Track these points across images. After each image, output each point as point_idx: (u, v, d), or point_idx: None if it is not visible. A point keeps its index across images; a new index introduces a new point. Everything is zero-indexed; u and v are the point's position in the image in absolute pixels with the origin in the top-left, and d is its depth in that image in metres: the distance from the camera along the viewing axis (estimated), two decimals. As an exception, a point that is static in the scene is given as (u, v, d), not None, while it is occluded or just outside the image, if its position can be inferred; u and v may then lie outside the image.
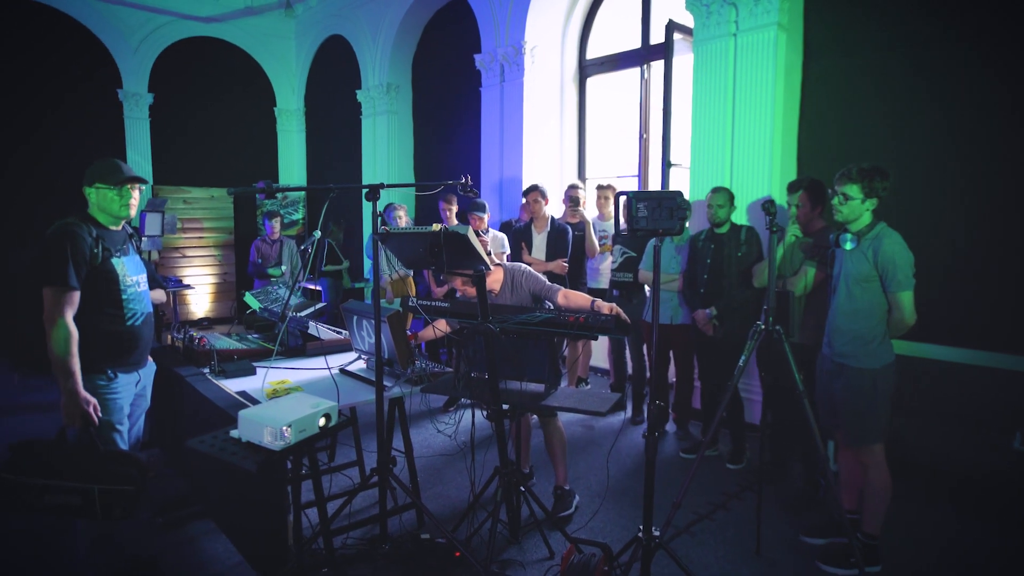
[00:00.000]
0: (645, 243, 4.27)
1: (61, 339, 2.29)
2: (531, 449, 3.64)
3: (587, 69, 6.34)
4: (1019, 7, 3.47)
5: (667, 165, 4.71)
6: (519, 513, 2.97)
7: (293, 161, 9.81)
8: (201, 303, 8.84)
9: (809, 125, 4.29)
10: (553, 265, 4.84)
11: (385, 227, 2.53)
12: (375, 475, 2.64)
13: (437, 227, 2.33)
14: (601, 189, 5.20)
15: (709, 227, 3.97)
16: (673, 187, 4.82)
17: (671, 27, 4.67)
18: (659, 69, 5.22)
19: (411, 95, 8.06)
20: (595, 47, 6.29)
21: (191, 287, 7.69)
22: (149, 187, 8.31)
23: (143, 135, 8.44)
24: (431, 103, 7.86)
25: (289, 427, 2.07)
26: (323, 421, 2.22)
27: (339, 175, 9.00)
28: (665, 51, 4.70)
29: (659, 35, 5.14)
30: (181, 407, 3.15)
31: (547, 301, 3.06)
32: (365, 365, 3.25)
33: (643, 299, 4.52)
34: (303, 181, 9.79)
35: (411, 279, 5.66)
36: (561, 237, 4.90)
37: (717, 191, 3.89)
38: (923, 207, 3.77)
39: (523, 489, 2.88)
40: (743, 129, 4.29)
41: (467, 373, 2.80)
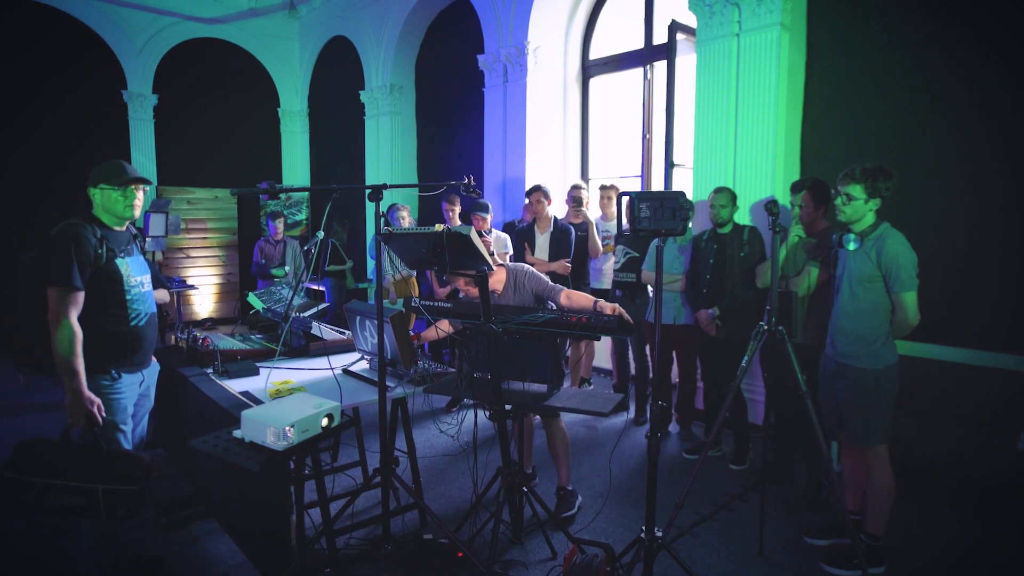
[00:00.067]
0: (648, 243, 4.26)
1: (65, 339, 2.30)
2: (534, 449, 3.64)
3: (590, 69, 6.34)
4: (1020, 7, 3.46)
5: (670, 165, 4.71)
6: (522, 513, 2.97)
7: (297, 162, 9.84)
8: (205, 303, 8.87)
9: (812, 125, 4.28)
10: (556, 265, 4.84)
11: (388, 227, 2.53)
12: (378, 475, 2.64)
13: (440, 227, 2.33)
14: (604, 189, 5.20)
15: (712, 227, 3.96)
16: (676, 187, 4.82)
17: (674, 27, 4.66)
18: (662, 69, 5.21)
19: (414, 96, 8.07)
20: (598, 47, 6.29)
21: (195, 287, 7.72)
22: (153, 188, 8.34)
23: (147, 136, 8.47)
24: (434, 104, 7.87)
25: (292, 427, 2.08)
26: (326, 421, 2.22)
27: (342, 176, 9.02)
28: (668, 51, 4.70)
29: (662, 35, 5.13)
30: (185, 407, 3.16)
31: (550, 301, 3.06)
32: (368, 365, 3.26)
33: (646, 299, 4.52)
34: (307, 182, 9.81)
35: (414, 279, 5.66)
36: (564, 237, 4.90)
37: (720, 191, 3.88)
38: (925, 207, 3.76)
39: (525, 489, 2.88)
40: (746, 129, 4.28)
41: (470, 373, 2.80)
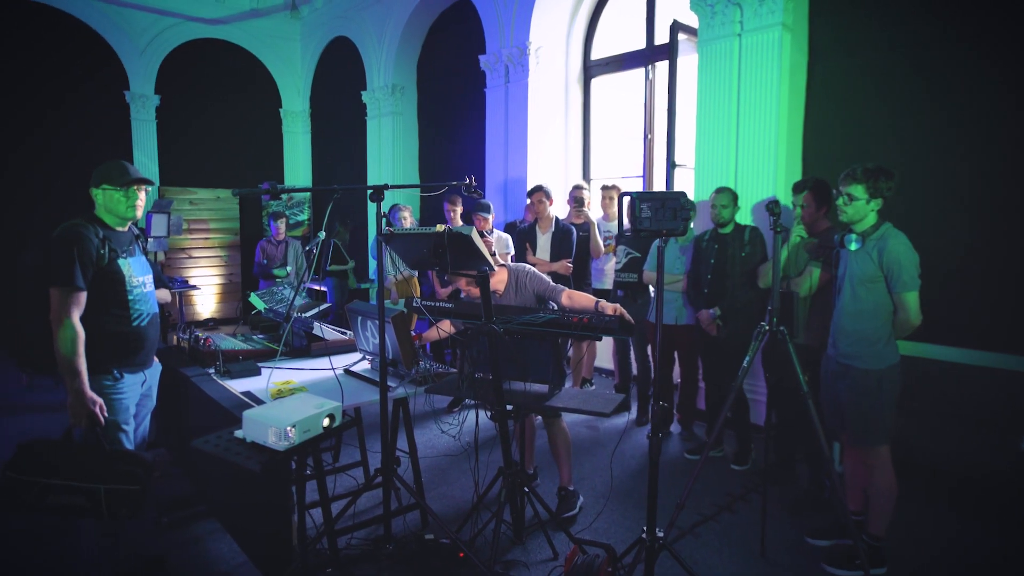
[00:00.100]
0: (650, 243, 4.26)
1: (68, 339, 2.31)
2: (535, 450, 3.64)
3: (592, 70, 6.34)
4: (1021, 8, 3.45)
5: (672, 165, 4.71)
6: (523, 514, 2.97)
7: (298, 162, 9.85)
8: (207, 304, 8.88)
9: (814, 125, 4.28)
10: (557, 266, 4.84)
11: (390, 228, 2.53)
12: (379, 475, 2.65)
13: (441, 228, 2.33)
14: (606, 190, 5.20)
15: (713, 227, 3.96)
16: (678, 187, 4.82)
17: (676, 27, 4.66)
18: (664, 69, 5.21)
19: (416, 96, 8.08)
20: (600, 48, 6.29)
21: (197, 288, 7.73)
22: (155, 188, 8.35)
23: (150, 136, 8.49)
24: (436, 104, 7.87)
25: (293, 427, 2.08)
26: (327, 421, 2.22)
27: (344, 176, 9.03)
28: (670, 51, 4.70)
29: (664, 35, 5.13)
30: (186, 407, 3.17)
31: (551, 302, 3.06)
32: (369, 366, 3.26)
33: (648, 299, 4.51)
34: (308, 182, 9.83)
35: (415, 280, 5.67)
36: (565, 238, 4.90)
37: (721, 191, 3.88)
38: (927, 207, 3.75)
39: (527, 490, 2.87)
40: (748, 129, 4.28)
41: (471, 374, 2.80)
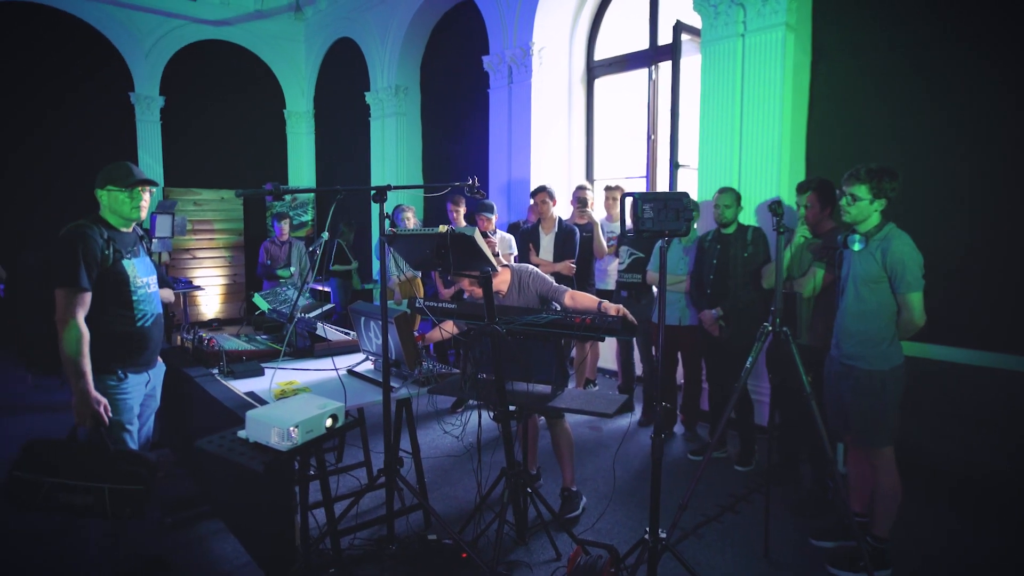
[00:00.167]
0: (653, 244, 4.26)
1: (73, 340, 2.32)
2: (538, 450, 3.64)
3: (595, 70, 6.34)
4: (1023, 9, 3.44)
5: (675, 166, 4.70)
6: (526, 514, 2.97)
7: (302, 163, 9.87)
8: (211, 304, 8.91)
9: (818, 125, 4.26)
10: (560, 266, 4.84)
11: (393, 229, 2.54)
12: (382, 476, 2.65)
13: (443, 228, 2.33)
14: (609, 190, 5.19)
15: (716, 228, 3.96)
16: (681, 188, 4.81)
17: (679, 28, 4.66)
18: (667, 70, 5.21)
19: (419, 97, 8.09)
20: (603, 48, 6.29)
21: (201, 288, 7.75)
22: (160, 189, 8.38)
23: (154, 137, 8.52)
24: (439, 105, 7.88)
25: (296, 428, 2.08)
26: (330, 422, 2.23)
27: (348, 177, 9.04)
28: (673, 52, 4.69)
29: (667, 36, 5.13)
30: (190, 407, 3.18)
31: (554, 302, 3.06)
32: (372, 366, 3.27)
33: (651, 300, 4.51)
34: (312, 183, 9.85)
35: (419, 280, 5.67)
36: (568, 238, 4.90)
37: (724, 191, 3.88)
38: (930, 208, 3.74)
39: (530, 490, 2.88)
40: (751, 130, 4.27)
41: (474, 374, 2.81)
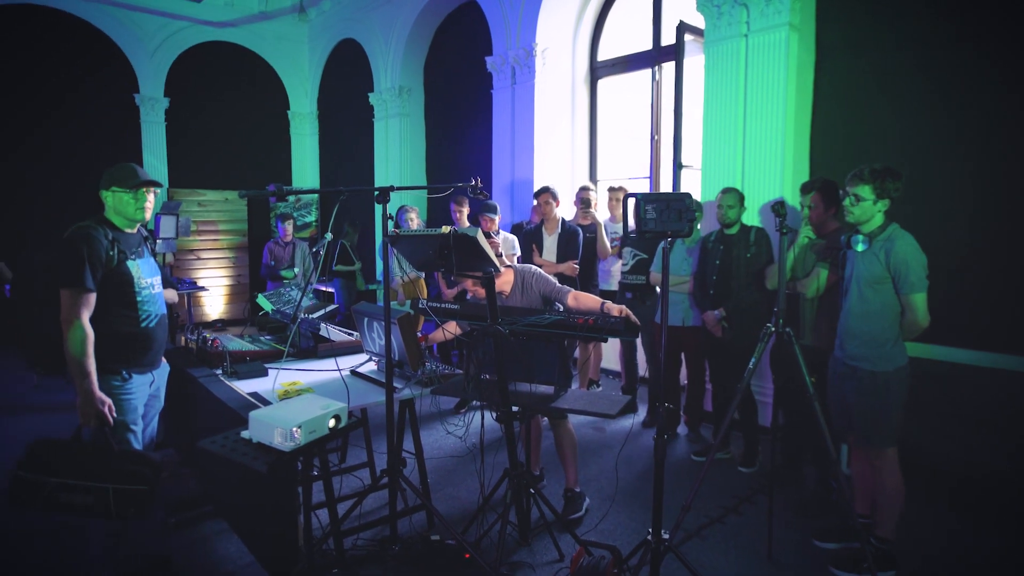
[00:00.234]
0: (656, 245, 4.25)
1: (77, 340, 2.33)
2: (542, 451, 3.64)
3: (598, 71, 6.33)
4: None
5: (678, 166, 4.70)
6: (529, 515, 2.97)
7: (306, 164, 9.89)
8: (215, 305, 8.93)
9: (822, 126, 4.25)
10: (564, 267, 4.83)
11: (396, 229, 2.54)
12: (385, 476, 2.65)
13: (446, 229, 2.34)
14: (613, 191, 5.19)
15: (719, 228, 3.95)
16: (685, 188, 4.81)
17: (682, 28, 4.65)
18: (670, 70, 5.19)
19: (423, 98, 8.09)
20: (606, 49, 6.29)
21: (205, 289, 7.77)
22: (164, 190, 8.41)
23: (159, 138, 8.55)
24: (443, 105, 7.89)
25: (299, 428, 2.09)
26: (333, 422, 2.23)
27: (351, 177, 9.06)
28: (676, 52, 4.68)
29: (670, 36, 5.12)
30: (194, 408, 3.19)
31: (557, 303, 3.06)
32: (376, 367, 3.27)
33: (656, 301, 4.50)
34: (316, 184, 9.86)
35: (422, 281, 5.67)
36: (572, 239, 4.90)
37: (727, 192, 3.87)
38: (933, 208, 3.72)
39: (533, 491, 2.87)
40: (755, 130, 4.27)
41: (477, 375, 2.81)
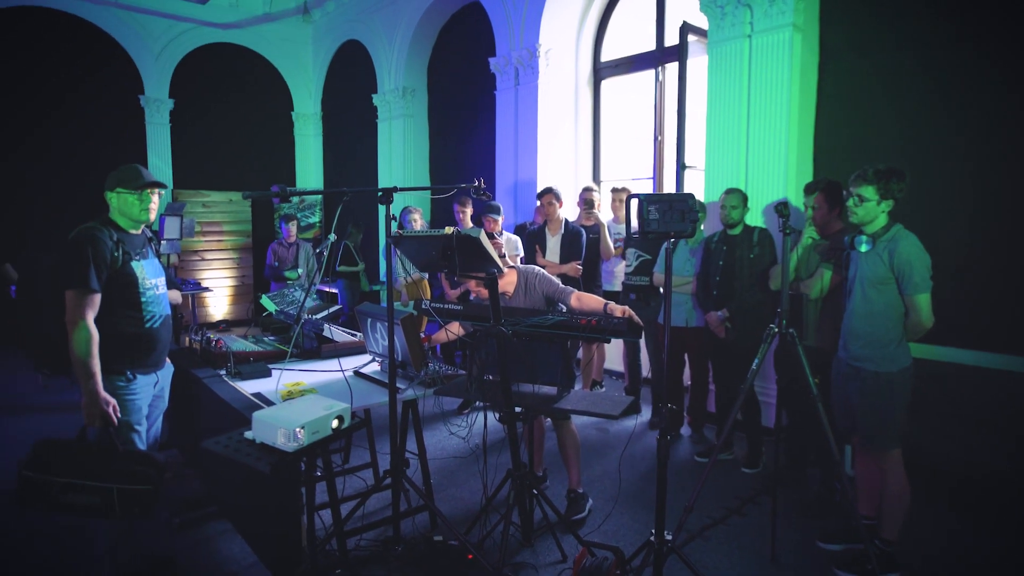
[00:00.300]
0: (660, 246, 4.25)
1: (82, 341, 2.34)
2: (544, 452, 3.64)
3: (601, 71, 6.33)
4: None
5: (682, 167, 4.69)
6: (532, 516, 2.97)
7: (310, 165, 9.91)
8: (219, 305, 8.96)
9: (825, 126, 4.24)
10: (567, 268, 4.83)
11: (400, 230, 2.54)
12: (388, 477, 2.66)
13: (449, 230, 2.34)
14: (616, 192, 5.19)
15: (722, 229, 3.95)
16: (688, 189, 4.80)
17: (685, 29, 4.65)
18: (674, 71, 5.20)
19: (426, 98, 8.10)
20: (609, 49, 6.29)
21: (209, 290, 7.79)
22: (169, 191, 8.44)
23: (164, 140, 8.58)
24: (446, 106, 7.90)
25: (302, 429, 2.09)
26: (336, 423, 2.23)
27: (355, 178, 9.07)
28: (679, 53, 4.68)
29: (673, 37, 5.12)
30: (198, 408, 3.20)
31: (560, 304, 3.06)
32: (379, 367, 3.28)
33: (660, 302, 4.49)
34: (320, 184, 9.88)
35: (426, 282, 5.68)
36: (575, 240, 4.90)
37: (731, 192, 3.87)
38: (935, 208, 3.71)
39: (536, 492, 2.87)
40: (758, 131, 4.26)
41: (480, 376, 2.81)
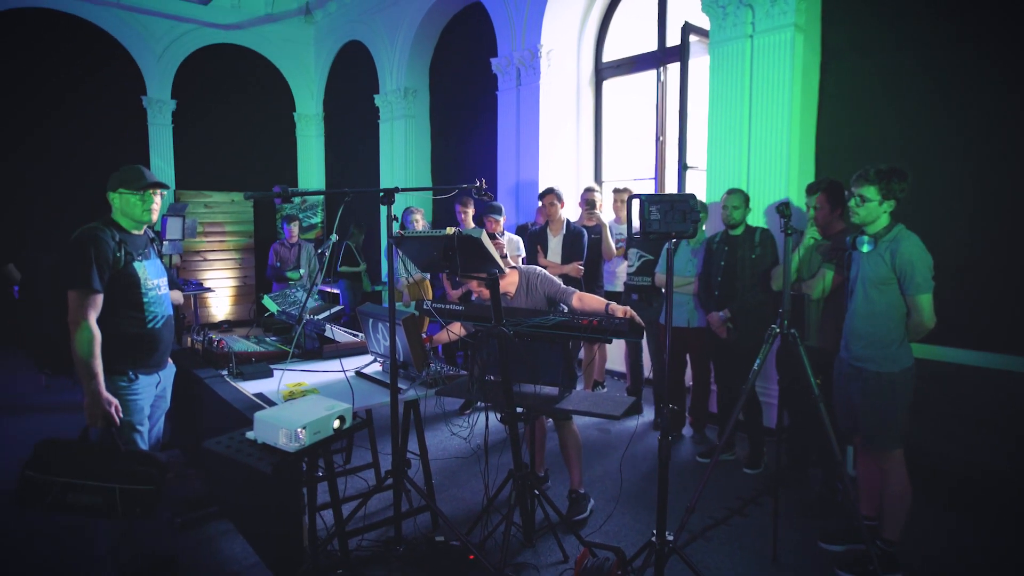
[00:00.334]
0: (662, 246, 4.25)
1: (85, 341, 2.34)
2: (546, 452, 3.64)
3: (603, 72, 6.33)
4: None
5: (683, 167, 4.69)
6: (533, 516, 2.97)
7: (312, 165, 9.92)
8: (222, 306, 8.97)
9: (827, 126, 4.24)
10: (569, 268, 4.83)
11: (401, 231, 2.55)
12: (390, 477, 2.66)
13: (450, 230, 2.34)
14: (618, 192, 5.19)
15: (724, 229, 3.94)
16: (690, 189, 4.80)
17: (687, 29, 4.65)
18: (675, 71, 5.19)
19: (428, 99, 8.11)
20: (611, 50, 6.29)
21: (211, 290, 7.80)
22: (171, 191, 8.45)
23: (166, 140, 8.60)
24: (448, 107, 7.90)
25: (304, 429, 2.09)
26: (337, 423, 2.23)
27: (357, 179, 9.08)
28: (681, 53, 4.68)
29: (675, 37, 5.11)
30: (200, 409, 3.20)
31: (562, 304, 3.06)
32: (381, 368, 3.28)
33: (662, 302, 4.50)
34: (322, 185, 9.90)
35: (427, 282, 5.68)
36: (577, 240, 4.90)
37: (732, 192, 3.86)
38: (937, 208, 3.70)
39: (537, 492, 2.87)
40: (760, 131, 4.26)
41: (482, 376, 2.81)
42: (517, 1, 6.21)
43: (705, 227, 4.30)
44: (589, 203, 5.10)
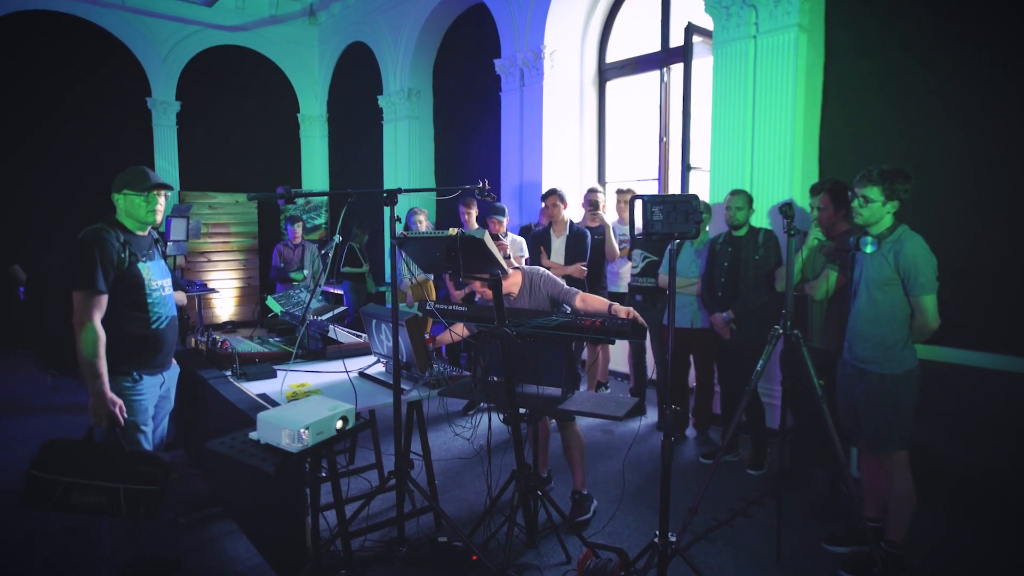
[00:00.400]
0: (666, 247, 4.24)
1: (89, 342, 2.36)
2: (549, 453, 3.64)
3: (606, 72, 6.33)
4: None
5: (687, 168, 4.69)
6: (536, 517, 2.97)
7: (316, 166, 9.95)
8: (226, 307, 8.99)
9: (831, 127, 4.23)
10: (572, 269, 4.83)
11: (405, 232, 2.55)
12: (393, 478, 2.66)
13: (453, 231, 2.34)
14: (621, 193, 5.19)
15: (727, 230, 3.94)
16: (693, 190, 4.80)
17: (690, 29, 4.64)
18: (679, 72, 5.19)
19: (432, 100, 8.12)
20: (614, 50, 6.29)
21: (215, 291, 7.82)
22: (175, 192, 8.48)
23: (171, 142, 8.63)
24: (451, 108, 7.91)
25: (306, 429, 2.10)
26: (340, 424, 2.24)
27: (361, 180, 9.10)
28: (684, 54, 4.68)
29: (679, 38, 5.12)
30: (203, 409, 3.21)
31: (565, 305, 3.06)
32: (384, 368, 3.28)
33: (666, 303, 4.49)
34: (325, 186, 9.92)
35: (431, 283, 5.69)
36: (580, 241, 4.90)
37: (735, 193, 3.86)
38: (939, 208, 3.68)
39: (540, 493, 2.87)
40: (763, 131, 4.25)
41: (485, 377, 2.81)
42: (520, 2, 6.22)
43: (709, 228, 4.30)
44: (592, 204, 5.10)
